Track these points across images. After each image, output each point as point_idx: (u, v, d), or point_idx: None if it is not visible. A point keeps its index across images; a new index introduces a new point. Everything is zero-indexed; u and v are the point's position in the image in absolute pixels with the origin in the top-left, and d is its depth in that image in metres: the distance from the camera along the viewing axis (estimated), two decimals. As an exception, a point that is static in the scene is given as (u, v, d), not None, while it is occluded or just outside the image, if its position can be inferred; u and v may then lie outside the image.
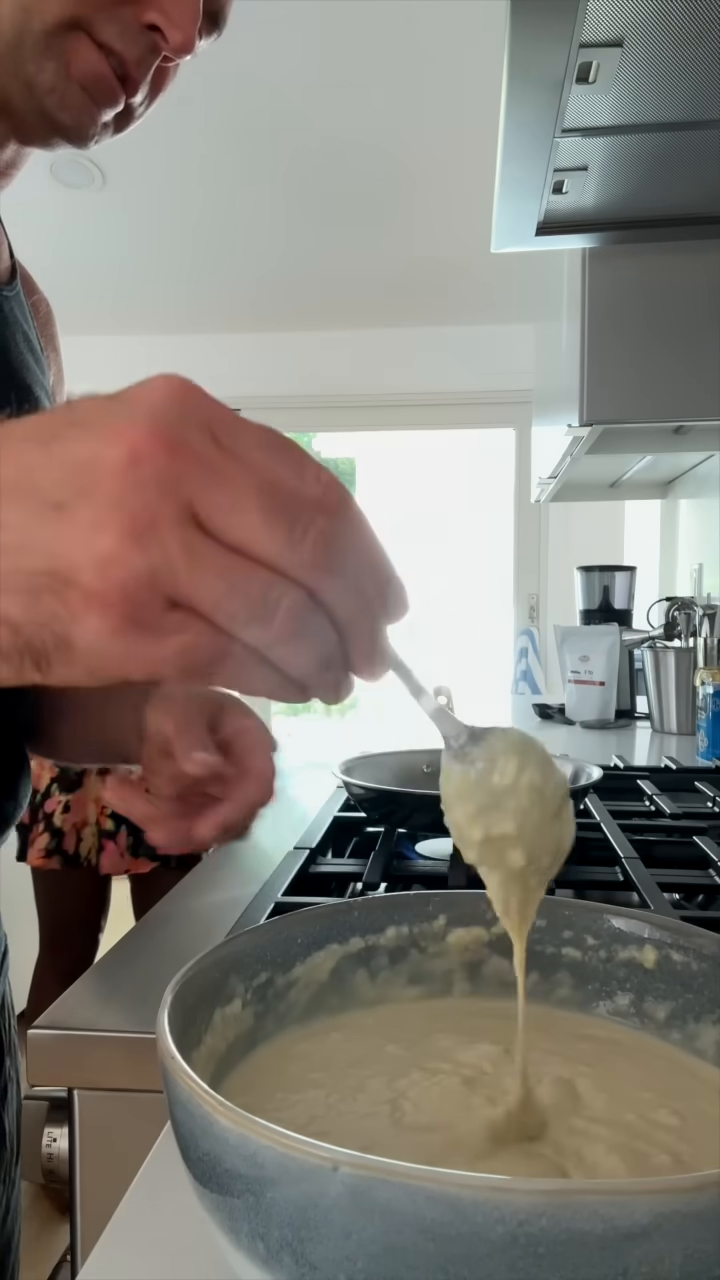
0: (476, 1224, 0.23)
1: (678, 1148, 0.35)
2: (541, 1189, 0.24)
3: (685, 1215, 0.23)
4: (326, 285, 3.53)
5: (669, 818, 0.99)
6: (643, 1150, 0.34)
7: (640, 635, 2.14)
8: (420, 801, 0.86)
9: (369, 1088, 0.39)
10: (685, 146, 1.01)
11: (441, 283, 3.46)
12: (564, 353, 1.58)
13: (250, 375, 4.11)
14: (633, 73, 0.85)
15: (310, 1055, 0.42)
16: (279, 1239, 0.26)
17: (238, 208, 2.87)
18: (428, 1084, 0.39)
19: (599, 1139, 0.35)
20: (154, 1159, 0.45)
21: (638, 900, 0.72)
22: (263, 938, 0.44)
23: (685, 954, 0.43)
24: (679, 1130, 0.36)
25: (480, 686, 4.06)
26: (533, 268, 2.30)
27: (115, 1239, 0.40)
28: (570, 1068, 0.41)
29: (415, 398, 4.04)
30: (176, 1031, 0.33)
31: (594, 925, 0.46)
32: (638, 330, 1.39)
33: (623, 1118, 0.37)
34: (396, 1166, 0.24)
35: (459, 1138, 0.36)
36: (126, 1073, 0.56)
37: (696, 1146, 0.35)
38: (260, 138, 2.53)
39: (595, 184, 1.10)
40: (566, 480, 2.14)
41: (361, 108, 2.40)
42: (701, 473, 2.29)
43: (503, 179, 1.05)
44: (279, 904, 0.70)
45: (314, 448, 5.19)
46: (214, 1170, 0.28)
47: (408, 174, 2.71)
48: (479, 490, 4.60)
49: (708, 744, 1.54)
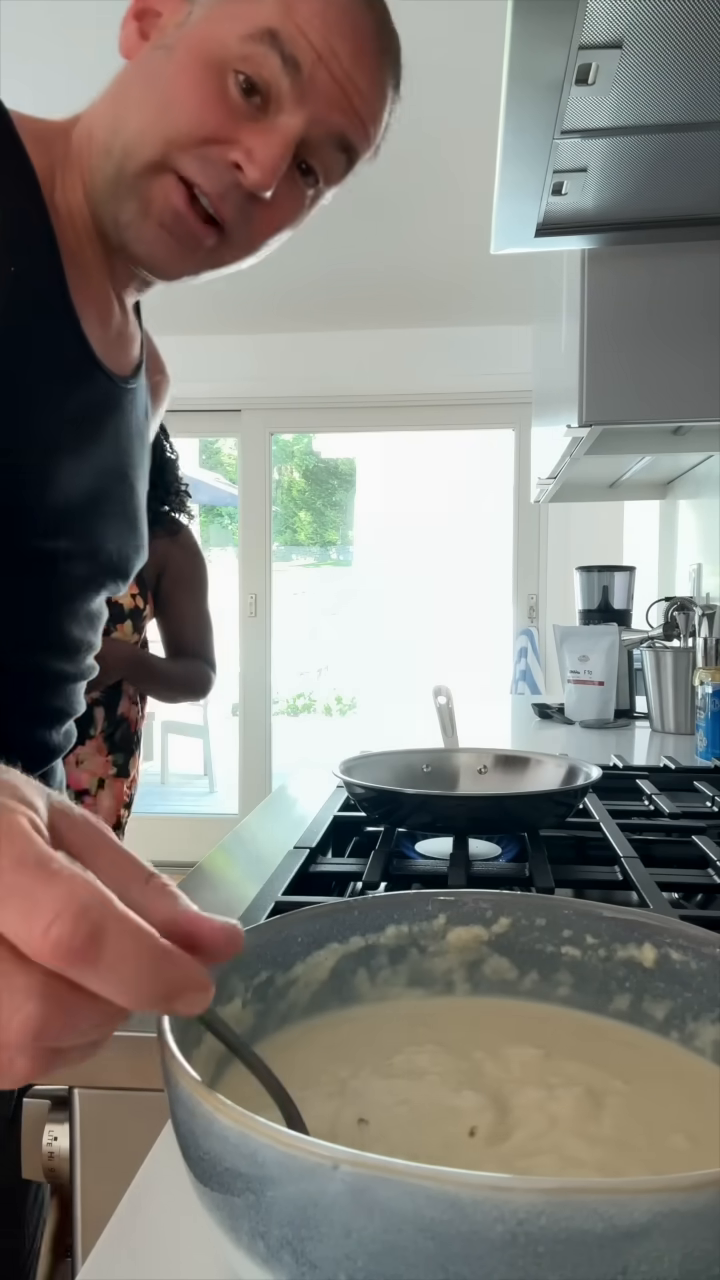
0: (476, 1223, 0.23)
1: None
2: (541, 1188, 0.24)
3: (684, 1214, 0.23)
4: (327, 286, 3.53)
5: (668, 817, 0.99)
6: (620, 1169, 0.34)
7: (639, 635, 2.14)
8: (420, 801, 0.87)
9: (369, 1087, 0.39)
10: (685, 147, 1.01)
11: (441, 283, 3.46)
12: (564, 353, 1.58)
13: (250, 375, 4.12)
14: (632, 74, 0.85)
15: (311, 1055, 0.42)
16: (279, 1237, 0.27)
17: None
18: (425, 1084, 0.39)
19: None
20: (154, 1158, 0.45)
21: (637, 900, 0.72)
22: (263, 937, 0.44)
23: (684, 953, 0.43)
24: (689, 1155, 0.36)
25: (480, 686, 4.06)
26: (532, 269, 2.30)
27: (115, 1239, 0.40)
28: (602, 1079, 0.41)
29: (415, 398, 4.04)
30: (177, 1030, 0.33)
31: (593, 924, 0.46)
32: (638, 331, 1.39)
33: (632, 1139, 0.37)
34: (396, 1165, 0.24)
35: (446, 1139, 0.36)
36: (126, 1072, 0.56)
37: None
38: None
39: (595, 185, 1.10)
40: (566, 481, 2.14)
41: (361, 108, 2.40)
42: (700, 473, 2.30)
43: (502, 180, 1.05)
44: (279, 903, 0.70)
45: (314, 448, 5.20)
46: (214, 1169, 0.28)
47: (408, 175, 2.71)
48: (478, 491, 4.61)
49: (707, 744, 1.54)
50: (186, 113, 0.64)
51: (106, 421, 0.76)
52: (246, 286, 3.51)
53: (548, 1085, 0.39)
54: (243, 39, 0.63)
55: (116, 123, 0.67)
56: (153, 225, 0.66)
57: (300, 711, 5.55)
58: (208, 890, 0.86)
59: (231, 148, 0.64)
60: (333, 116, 0.67)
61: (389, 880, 0.80)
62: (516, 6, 0.73)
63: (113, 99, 0.69)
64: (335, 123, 0.67)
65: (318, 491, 5.48)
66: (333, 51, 0.65)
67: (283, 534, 5.05)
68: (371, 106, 0.69)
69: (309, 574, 5.44)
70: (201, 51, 0.64)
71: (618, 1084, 0.40)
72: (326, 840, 0.91)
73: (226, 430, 4.45)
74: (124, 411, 0.78)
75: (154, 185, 0.65)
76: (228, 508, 5.26)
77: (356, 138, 0.70)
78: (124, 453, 0.79)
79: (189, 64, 0.64)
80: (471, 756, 1.03)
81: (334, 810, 1.00)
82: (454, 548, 4.81)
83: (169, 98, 0.64)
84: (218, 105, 0.64)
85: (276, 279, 3.41)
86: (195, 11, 0.66)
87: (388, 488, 5.13)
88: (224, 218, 0.67)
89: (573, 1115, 0.37)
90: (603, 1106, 0.38)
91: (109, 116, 0.68)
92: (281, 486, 5.01)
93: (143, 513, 0.84)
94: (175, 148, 0.64)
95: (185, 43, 0.65)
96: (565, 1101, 0.38)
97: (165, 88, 0.65)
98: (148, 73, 0.66)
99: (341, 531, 5.55)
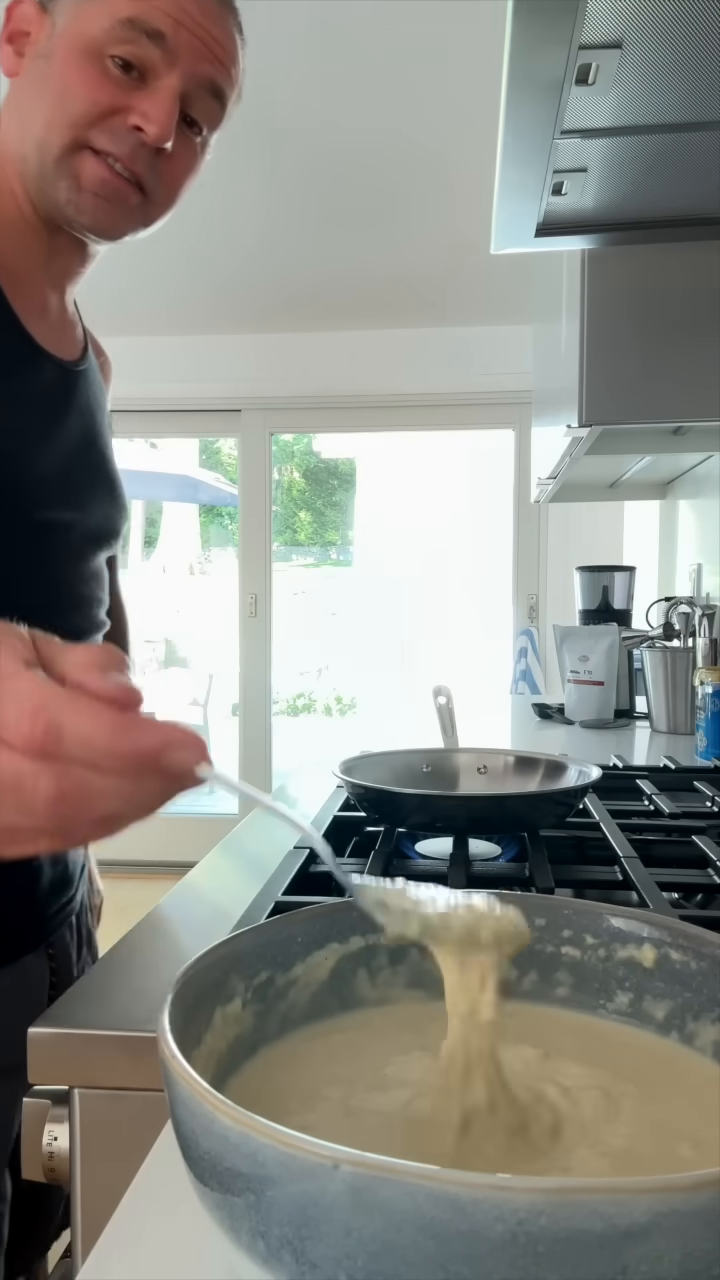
0: (476, 1222, 0.23)
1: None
2: (541, 1187, 0.24)
3: (684, 1214, 0.23)
4: (327, 286, 3.53)
5: (668, 817, 0.99)
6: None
7: (639, 635, 2.14)
8: (420, 801, 0.87)
9: (369, 1087, 0.39)
10: (685, 148, 1.01)
11: (441, 283, 3.46)
12: (564, 353, 1.58)
13: (250, 375, 4.12)
14: (632, 74, 0.85)
15: (311, 1054, 0.42)
16: (279, 1237, 0.27)
17: (238, 209, 2.87)
18: (424, 1084, 0.39)
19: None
20: (154, 1159, 0.45)
21: (637, 899, 0.72)
22: (263, 937, 0.44)
23: (684, 953, 0.43)
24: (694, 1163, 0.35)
25: (480, 686, 4.06)
26: (532, 269, 2.30)
27: (115, 1239, 0.40)
28: (611, 1081, 0.41)
29: (415, 398, 4.04)
30: (177, 1030, 0.33)
31: (593, 924, 0.46)
32: (637, 330, 1.39)
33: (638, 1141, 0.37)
34: (397, 1164, 0.24)
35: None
36: (126, 1072, 0.56)
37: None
38: (260, 139, 2.53)
39: (595, 185, 1.10)
40: (566, 481, 2.14)
41: (361, 108, 2.40)
42: (700, 473, 2.29)
43: (502, 180, 1.05)
44: (279, 903, 0.70)
45: (314, 448, 5.19)
46: (214, 1169, 0.28)
47: (408, 175, 2.71)
48: (478, 491, 4.60)
49: (707, 744, 1.54)
50: (79, 98, 0.75)
51: (65, 400, 0.86)
52: (247, 286, 3.52)
53: (560, 1086, 0.39)
54: (107, 31, 0.74)
55: (23, 130, 0.78)
56: (88, 196, 0.78)
57: (300, 712, 5.55)
58: (208, 890, 0.86)
59: (128, 114, 0.76)
60: (201, 67, 0.78)
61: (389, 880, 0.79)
62: (516, 6, 0.72)
63: (12, 113, 0.80)
64: (204, 71, 0.78)
65: (318, 491, 5.48)
66: (185, 13, 0.76)
67: (283, 534, 5.04)
68: (229, 50, 0.80)
69: (309, 574, 5.44)
70: (76, 48, 0.75)
71: (628, 1086, 0.40)
72: (326, 840, 0.91)
73: (226, 430, 4.45)
74: (79, 390, 0.88)
75: (76, 162, 0.77)
76: (228, 508, 5.26)
77: (223, 81, 0.81)
78: (89, 425, 0.89)
79: (69, 60, 0.75)
80: (471, 756, 1.03)
81: (334, 810, 1.00)
82: (454, 548, 4.81)
83: (62, 91, 0.75)
84: (103, 83, 0.75)
85: (277, 279, 3.42)
86: (58, 21, 0.77)
87: (388, 488, 5.13)
88: (139, 175, 0.78)
89: (591, 1117, 0.37)
90: (619, 1108, 0.38)
91: (15, 128, 0.79)
92: (281, 486, 5.01)
93: (117, 475, 0.94)
94: (80, 129, 0.75)
95: (60, 46, 0.76)
96: (582, 1102, 0.38)
97: (56, 85, 0.76)
98: (35, 80, 0.77)
99: (341, 531, 5.55)
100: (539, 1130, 0.36)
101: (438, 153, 2.57)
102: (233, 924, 0.70)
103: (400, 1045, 0.43)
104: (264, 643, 4.28)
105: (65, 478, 0.84)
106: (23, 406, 0.80)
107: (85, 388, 0.90)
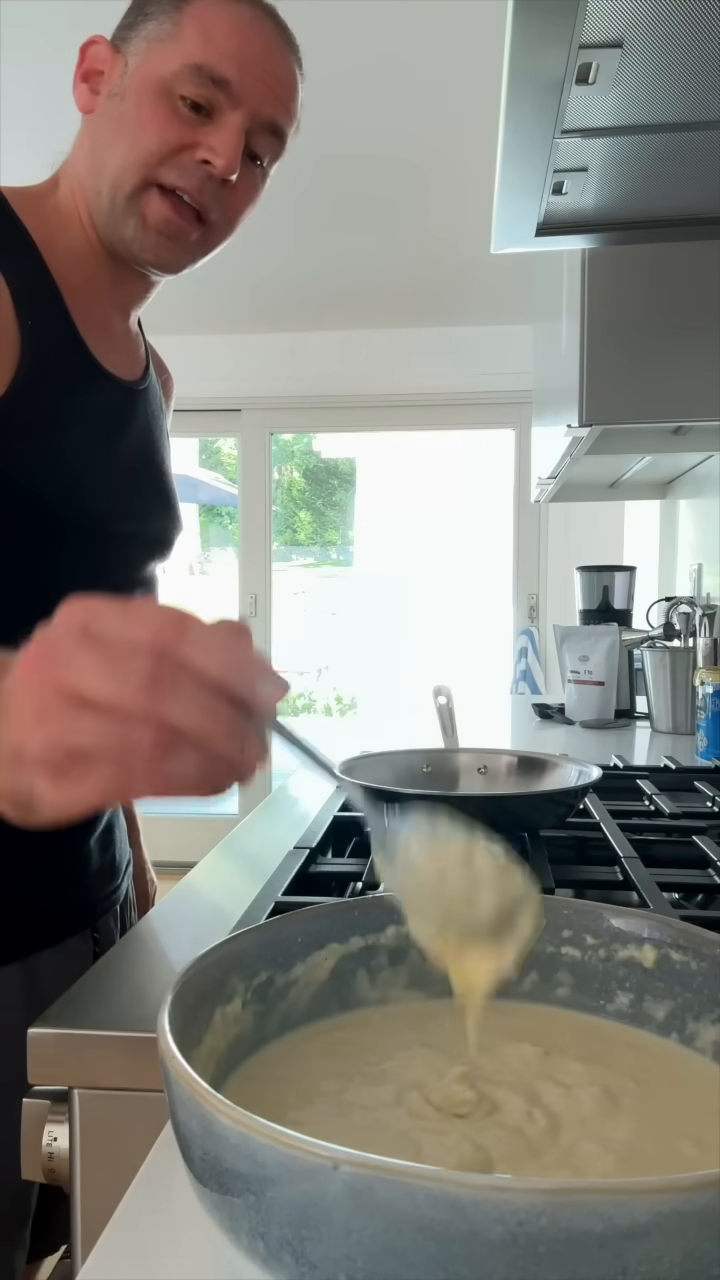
0: (476, 1223, 0.23)
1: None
2: (541, 1188, 0.24)
3: (684, 1214, 0.23)
4: (327, 286, 3.53)
5: (668, 817, 0.99)
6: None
7: (640, 635, 2.14)
8: (420, 802, 0.86)
9: (368, 1087, 0.39)
10: (685, 147, 1.01)
11: (441, 283, 3.46)
12: (564, 353, 1.58)
13: (250, 375, 4.12)
14: (632, 73, 0.85)
15: (311, 1055, 0.42)
16: (279, 1238, 0.27)
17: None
18: (426, 1084, 0.39)
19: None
20: (154, 1159, 0.45)
21: (637, 900, 0.72)
22: (263, 937, 0.44)
23: (685, 953, 0.43)
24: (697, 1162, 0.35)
25: (480, 686, 4.06)
26: (532, 269, 2.30)
27: (115, 1239, 0.40)
28: (616, 1080, 0.41)
29: (415, 398, 4.04)
30: (177, 1031, 0.33)
31: (593, 925, 0.46)
32: (638, 330, 1.39)
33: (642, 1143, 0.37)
34: (397, 1165, 0.24)
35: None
36: (126, 1072, 0.56)
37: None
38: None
39: (595, 185, 1.10)
40: (566, 481, 2.14)
41: (361, 109, 2.40)
42: (700, 473, 2.29)
43: (502, 180, 1.04)
44: (279, 904, 0.70)
45: (314, 448, 5.19)
46: (214, 1169, 0.28)
47: (408, 175, 2.71)
48: (478, 491, 4.60)
49: (707, 744, 1.54)
50: (151, 135, 0.79)
51: (126, 418, 0.91)
52: (247, 287, 3.51)
53: (563, 1085, 0.39)
54: (177, 74, 0.79)
55: (97, 165, 0.82)
56: (152, 234, 0.82)
57: (300, 712, 5.54)
58: (208, 890, 0.86)
59: (196, 149, 0.80)
60: (264, 109, 0.82)
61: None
62: (516, 6, 0.72)
63: (86, 148, 0.84)
64: (266, 112, 0.82)
65: (318, 491, 5.47)
66: (251, 57, 0.80)
67: (283, 534, 5.04)
68: (289, 87, 0.85)
69: (309, 574, 5.44)
70: (147, 88, 0.79)
71: (630, 1084, 0.40)
72: (326, 840, 0.91)
73: (226, 430, 4.44)
74: (139, 408, 0.93)
75: (144, 202, 0.81)
76: (228, 508, 5.26)
77: (284, 119, 0.85)
78: (148, 441, 0.94)
79: (141, 100, 0.79)
80: (472, 757, 1.03)
81: (334, 810, 1.00)
82: (454, 548, 4.81)
83: (135, 129, 0.79)
84: (174, 122, 0.79)
85: (277, 279, 3.42)
86: (130, 61, 0.81)
87: (388, 488, 5.12)
88: (205, 207, 0.82)
89: (592, 1115, 0.37)
90: (620, 1106, 0.38)
91: (88, 163, 0.83)
92: (281, 486, 5.00)
93: (173, 488, 0.98)
94: (151, 166, 0.79)
95: (133, 86, 0.80)
96: (582, 1100, 0.38)
97: (129, 123, 0.80)
98: (110, 118, 0.81)
99: (341, 531, 5.54)
100: (537, 1130, 0.36)
101: (438, 152, 2.57)
102: (233, 924, 0.70)
103: (401, 1042, 0.43)
104: (264, 643, 4.28)
105: (124, 491, 0.89)
106: (86, 425, 0.84)
107: (145, 406, 0.94)
